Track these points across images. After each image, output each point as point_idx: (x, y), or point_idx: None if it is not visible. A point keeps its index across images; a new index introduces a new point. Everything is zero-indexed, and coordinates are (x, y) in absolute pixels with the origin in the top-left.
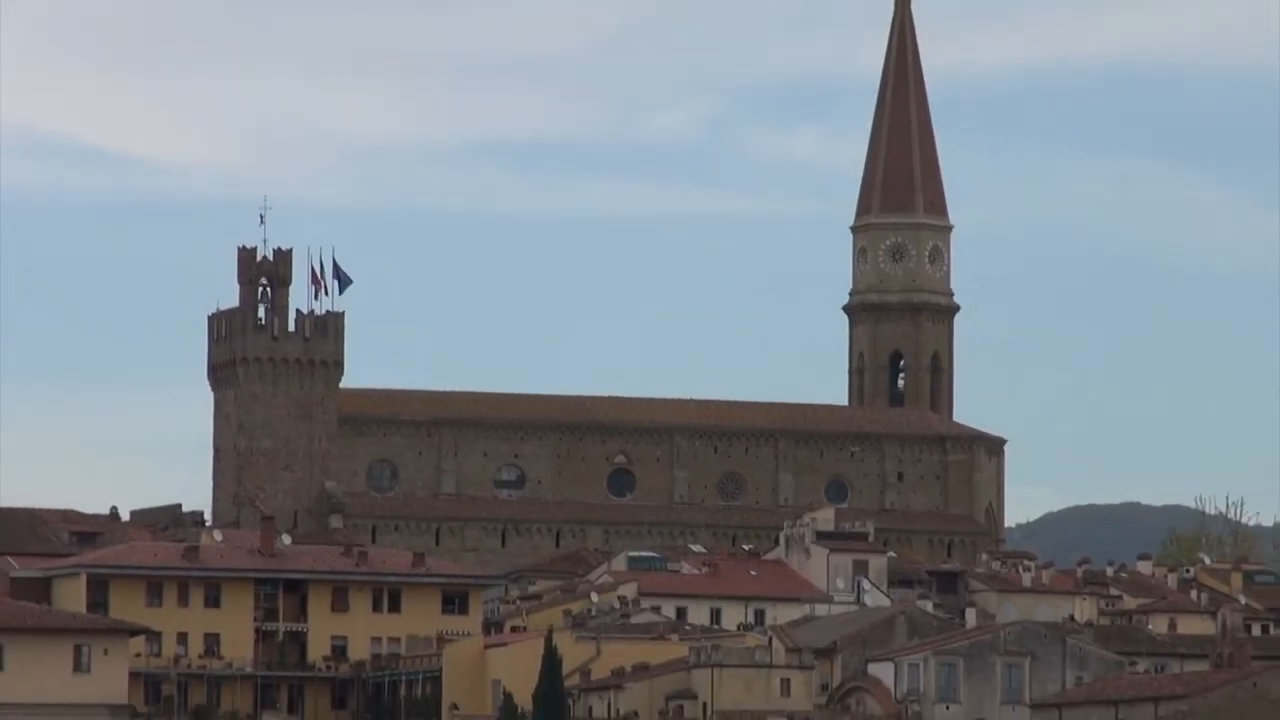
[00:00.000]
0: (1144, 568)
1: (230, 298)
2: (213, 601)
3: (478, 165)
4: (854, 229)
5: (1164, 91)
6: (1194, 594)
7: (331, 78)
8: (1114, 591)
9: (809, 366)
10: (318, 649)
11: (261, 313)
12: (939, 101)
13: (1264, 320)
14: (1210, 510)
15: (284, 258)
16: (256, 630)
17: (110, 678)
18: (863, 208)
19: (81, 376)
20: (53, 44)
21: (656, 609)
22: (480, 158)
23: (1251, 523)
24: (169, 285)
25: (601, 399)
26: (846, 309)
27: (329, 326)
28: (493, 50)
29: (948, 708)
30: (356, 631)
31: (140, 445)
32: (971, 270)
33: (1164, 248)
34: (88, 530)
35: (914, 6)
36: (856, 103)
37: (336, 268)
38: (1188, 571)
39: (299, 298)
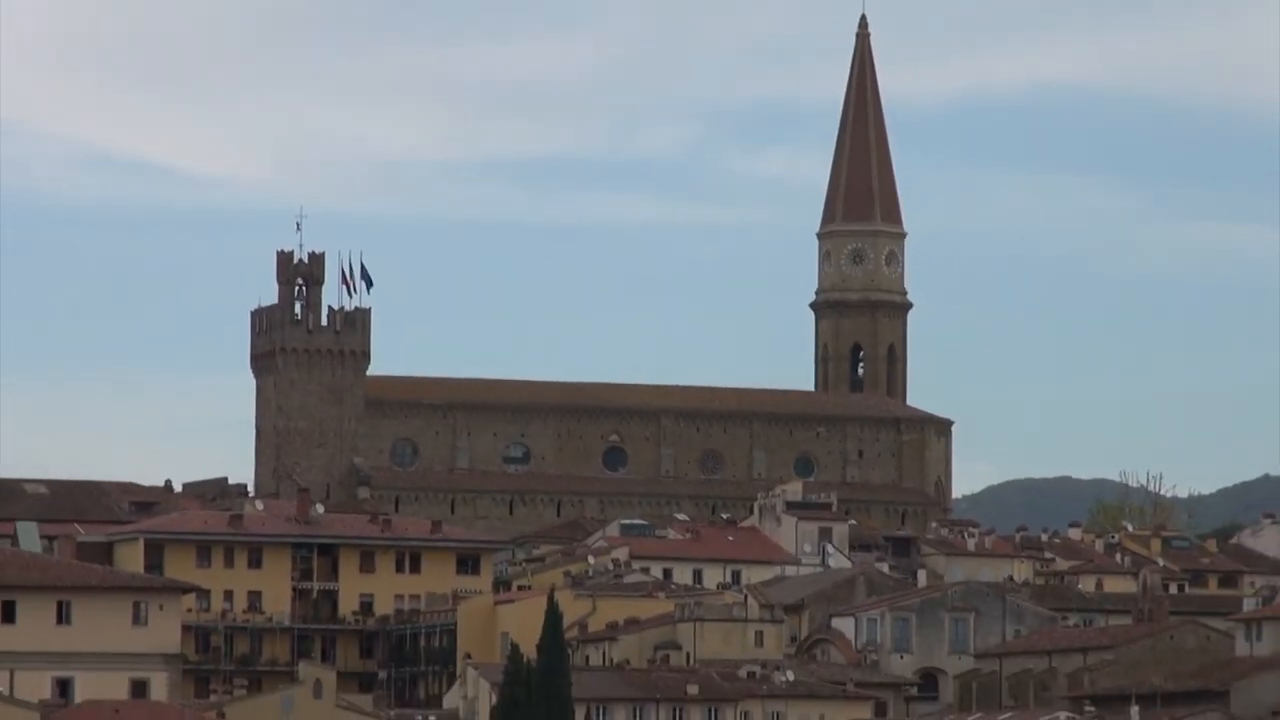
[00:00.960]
0: (1074, 534)
1: (270, 296)
2: (255, 563)
3: (489, 179)
4: (819, 236)
5: (1088, 116)
6: (1118, 557)
7: (361, 102)
8: (1048, 555)
9: (780, 357)
10: (348, 605)
11: (298, 309)
12: (894, 124)
13: (1178, 316)
14: (1133, 484)
15: (317, 260)
16: (293, 589)
17: (165, 630)
18: (827, 217)
19: (139, 365)
20: (118, 74)
21: (645, 570)
22: (491, 173)
23: (1169, 494)
24: (217, 284)
25: (598, 385)
26: (813, 306)
27: (357, 321)
28: (502, 79)
29: (901, 657)
30: (381, 590)
31: (191, 425)
32: (923, 272)
33: (1090, 251)
34: (145, 500)
35: (872, 41)
36: (821, 125)
37: (363, 270)
38: (1112, 538)
39: (331, 296)
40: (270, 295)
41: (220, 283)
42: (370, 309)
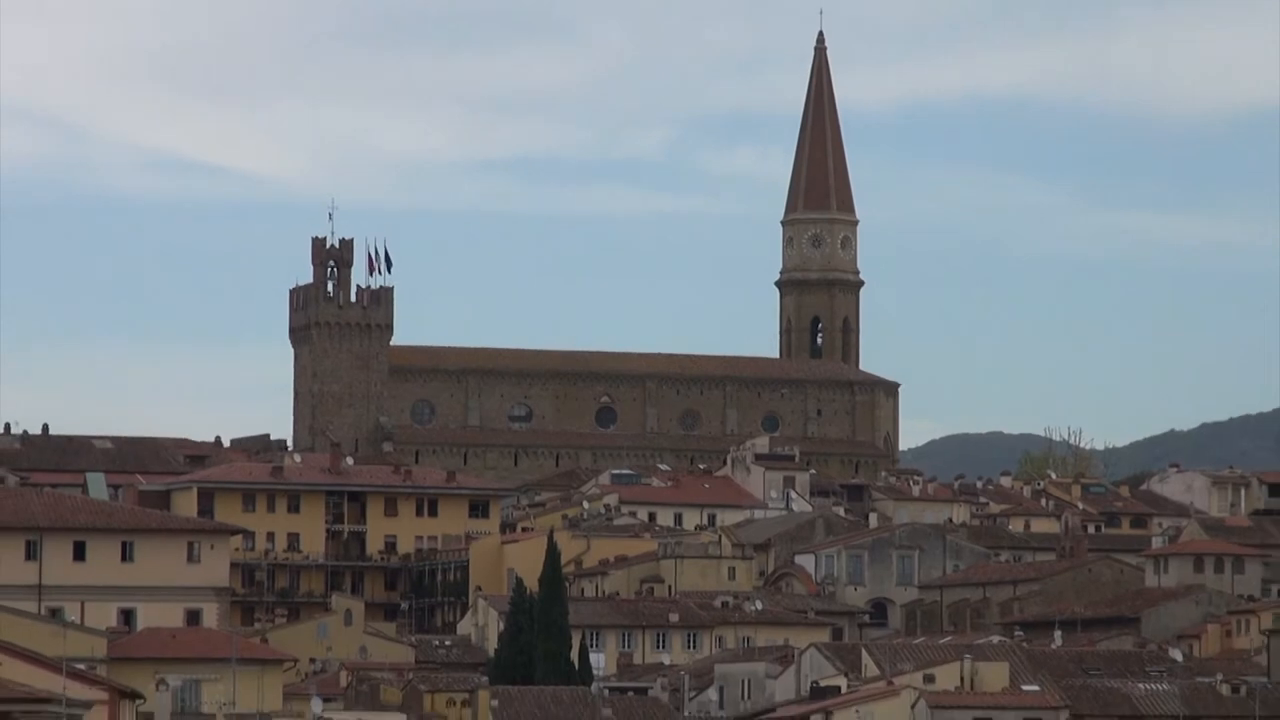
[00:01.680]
0: (1005, 482)
1: (306, 276)
2: (294, 508)
3: (495, 175)
4: (783, 223)
5: (1018, 119)
6: (1043, 502)
7: (383, 107)
8: (982, 500)
9: (749, 328)
10: (374, 545)
11: (330, 287)
12: (848, 126)
13: (1097, 292)
14: (1056, 437)
15: (347, 245)
16: (327, 530)
17: (215, 567)
18: (789, 206)
19: (193, 336)
20: (173, 85)
21: (633, 514)
22: (497, 169)
23: (1087, 446)
24: (259, 267)
25: (591, 353)
26: (778, 284)
27: (382, 298)
28: (506, 87)
29: (855, 589)
30: (404, 531)
31: (238, 388)
32: (873, 254)
33: (1018, 237)
34: (198, 454)
35: (829, 53)
36: (784, 127)
37: (386, 254)
38: (1038, 484)
39: (359, 276)
40: (306, 276)
41: (262, 265)
42: (393, 287)
